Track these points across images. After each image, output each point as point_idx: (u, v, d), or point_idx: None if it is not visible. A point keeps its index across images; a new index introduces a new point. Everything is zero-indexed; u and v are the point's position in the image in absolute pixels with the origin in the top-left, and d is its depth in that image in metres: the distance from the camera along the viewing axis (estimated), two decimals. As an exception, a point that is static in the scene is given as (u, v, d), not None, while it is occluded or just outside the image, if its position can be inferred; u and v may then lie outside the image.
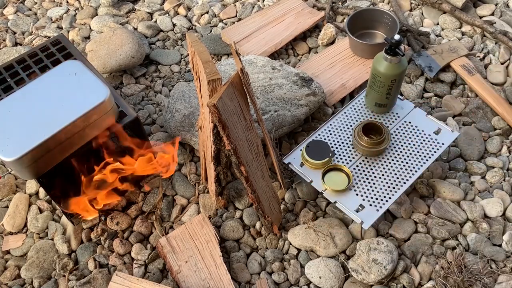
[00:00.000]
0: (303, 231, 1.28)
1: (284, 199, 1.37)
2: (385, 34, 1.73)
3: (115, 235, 1.32)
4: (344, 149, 1.33)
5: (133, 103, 1.64)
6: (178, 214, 1.36)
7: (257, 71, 1.51)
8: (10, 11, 2.00)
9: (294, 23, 1.81)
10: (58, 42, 1.38)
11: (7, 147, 1.02)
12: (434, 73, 1.61)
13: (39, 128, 1.04)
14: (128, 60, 1.66)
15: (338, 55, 1.71)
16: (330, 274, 1.21)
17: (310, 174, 1.29)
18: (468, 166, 1.41)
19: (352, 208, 1.22)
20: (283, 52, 1.78)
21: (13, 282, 1.26)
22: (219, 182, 1.27)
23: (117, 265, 1.27)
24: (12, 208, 1.37)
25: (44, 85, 1.13)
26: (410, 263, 1.23)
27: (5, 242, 1.33)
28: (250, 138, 1.13)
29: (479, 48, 1.72)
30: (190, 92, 1.48)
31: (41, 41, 1.86)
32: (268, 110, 1.41)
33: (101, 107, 1.08)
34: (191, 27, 1.91)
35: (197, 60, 1.03)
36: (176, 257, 1.24)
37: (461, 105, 1.55)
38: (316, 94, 1.48)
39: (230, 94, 1.00)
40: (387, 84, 1.29)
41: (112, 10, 1.97)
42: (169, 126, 1.46)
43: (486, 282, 1.17)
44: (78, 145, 1.12)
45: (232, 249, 1.29)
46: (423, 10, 1.87)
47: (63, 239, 1.31)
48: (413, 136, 1.34)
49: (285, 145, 1.47)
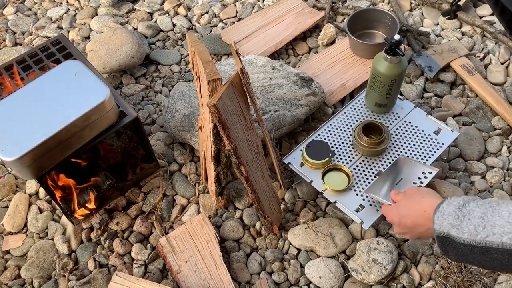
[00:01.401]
0: (303, 231, 1.28)
1: (284, 199, 1.37)
2: (385, 34, 1.73)
3: (115, 235, 1.32)
4: (344, 149, 1.33)
5: (133, 103, 1.64)
6: (178, 214, 1.36)
7: (257, 71, 1.51)
8: (10, 11, 2.00)
9: (294, 23, 1.81)
10: (58, 42, 1.38)
11: (7, 147, 1.02)
12: (434, 73, 1.61)
13: (39, 128, 1.04)
14: (128, 60, 1.66)
15: (338, 55, 1.71)
16: (330, 274, 1.21)
17: (310, 174, 1.29)
18: (468, 166, 1.41)
19: (352, 208, 1.22)
20: (283, 52, 1.78)
21: (13, 282, 1.26)
22: (219, 182, 1.27)
23: (117, 265, 1.27)
24: (12, 208, 1.37)
25: (44, 85, 1.12)
26: (410, 263, 1.23)
27: (5, 242, 1.33)
28: (250, 138, 1.13)
29: (479, 48, 1.72)
30: (190, 92, 1.48)
31: (41, 41, 1.86)
32: (268, 110, 1.41)
33: (101, 107, 1.08)
34: (191, 27, 1.91)
35: (197, 60, 1.03)
36: (176, 257, 1.24)
37: (461, 105, 1.55)
38: (316, 94, 1.48)
39: (230, 94, 1.00)
40: (387, 84, 1.29)
41: (112, 10, 1.97)
42: (169, 126, 1.46)
43: (486, 282, 1.17)
44: (78, 145, 1.12)
45: (232, 249, 1.29)
46: (423, 10, 1.87)
47: (63, 239, 1.31)
48: (413, 136, 1.34)
49: (285, 145, 1.47)
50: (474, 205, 0.74)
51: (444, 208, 0.77)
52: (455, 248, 0.74)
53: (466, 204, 0.74)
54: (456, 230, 0.73)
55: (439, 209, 0.77)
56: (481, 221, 0.71)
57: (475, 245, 0.70)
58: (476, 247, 0.70)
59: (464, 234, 0.72)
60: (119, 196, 1.38)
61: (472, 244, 0.71)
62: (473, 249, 0.71)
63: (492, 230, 0.69)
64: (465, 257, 0.74)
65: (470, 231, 0.71)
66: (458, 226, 0.73)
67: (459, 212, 0.74)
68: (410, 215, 0.89)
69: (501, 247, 0.67)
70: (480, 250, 0.70)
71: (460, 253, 0.74)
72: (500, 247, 0.67)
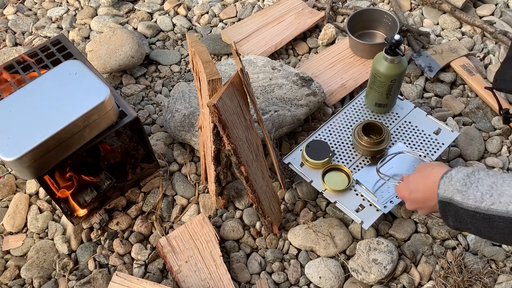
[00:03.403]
0: (303, 231, 1.28)
1: (284, 199, 1.37)
2: (385, 34, 1.73)
3: (115, 235, 1.32)
4: (344, 149, 1.33)
5: (133, 103, 1.64)
6: (178, 214, 1.36)
7: (257, 71, 1.51)
8: (10, 11, 2.00)
9: (294, 23, 1.81)
10: (58, 42, 1.38)
11: (7, 147, 1.02)
12: (434, 73, 1.61)
13: (39, 128, 1.04)
14: (128, 60, 1.66)
15: (338, 55, 1.71)
16: (330, 274, 1.21)
17: (310, 174, 1.29)
18: (468, 166, 1.41)
19: (352, 208, 1.22)
20: (283, 52, 1.78)
21: (13, 282, 1.26)
22: (219, 182, 1.27)
23: (117, 265, 1.27)
24: (12, 208, 1.37)
25: (44, 85, 1.12)
26: (410, 263, 1.23)
27: (5, 242, 1.33)
28: (250, 138, 1.13)
29: (479, 48, 1.72)
30: (190, 92, 1.48)
31: (41, 41, 1.86)
32: (268, 110, 1.41)
33: (101, 107, 1.08)
34: (191, 27, 1.91)
35: (197, 60, 1.03)
36: (176, 257, 1.24)
37: (461, 105, 1.55)
38: (316, 94, 1.48)
39: (230, 94, 1.00)
40: (387, 84, 1.29)
41: (112, 10, 1.97)
42: (169, 126, 1.46)
43: (486, 282, 1.17)
44: (78, 145, 1.12)
45: (232, 249, 1.29)
46: (423, 10, 1.87)
47: (63, 239, 1.31)
48: (413, 136, 1.34)
49: (285, 145, 1.47)
50: (484, 174, 0.75)
51: (452, 175, 0.77)
52: (455, 214, 0.75)
53: (476, 172, 0.75)
54: (461, 195, 0.74)
55: (447, 175, 0.78)
56: (489, 189, 0.72)
57: (478, 211, 0.72)
58: (479, 214, 0.72)
59: (469, 200, 0.73)
60: (119, 196, 1.38)
61: (475, 210, 0.72)
62: (475, 216, 0.72)
63: (499, 199, 0.70)
64: (464, 223, 0.75)
65: (476, 198, 0.72)
66: (464, 192, 0.74)
67: (467, 179, 0.75)
68: (420, 189, 0.88)
69: (505, 215, 0.69)
70: (482, 217, 0.71)
71: (459, 219, 0.75)
72: (505, 215, 0.69)
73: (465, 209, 0.73)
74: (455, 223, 0.77)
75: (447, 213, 0.77)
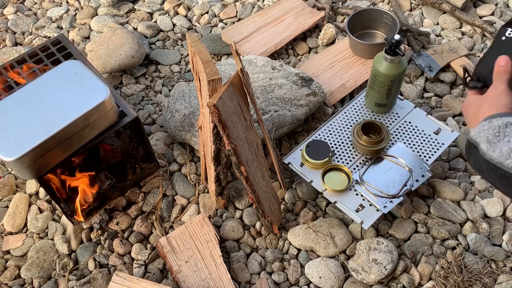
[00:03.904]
0: (303, 231, 1.28)
1: (284, 199, 1.37)
2: (385, 34, 1.73)
3: (115, 235, 1.32)
4: (344, 149, 1.33)
5: (133, 103, 1.64)
6: (178, 214, 1.36)
7: (257, 71, 1.51)
8: (10, 11, 2.00)
9: (294, 23, 1.81)
10: (58, 42, 1.38)
11: (7, 147, 1.02)
12: (434, 73, 1.61)
13: (39, 128, 1.04)
14: (128, 60, 1.66)
15: (338, 55, 1.71)
16: (330, 274, 1.21)
17: (310, 174, 1.29)
18: (468, 166, 1.41)
19: (352, 208, 1.22)
20: (283, 52, 1.78)
21: (13, 282, 1.26)
22: (219, 182, 1.27)
23: (117, 265, 1.27)
24: (12, 208, 1.37)
25: (44, 85, 1.12)
26: (410, 263, 1.23)
27: (5, 242, 1.33)
28: (250, 138, 1.13)
29: (479, 48, 1.72)
30: (190, 92, 1.48)
31: (41, 41, 1.86)
32: (268, 110, 1.41)
33: (101, 107, 1.08)
34: (191, 27, 1.91)
35: (197, 60, 1.03)
36: (176, 257, 1.24)
37: (461, 105, 1.55)
38: (316, 94, 1.48)
39: (230, 94, 1.00)
40: (387, 84, 1.29)
41: (112, 10, 1.97)
42: (169, 126, 1.46)
43: (486, 282, 1.17)
44: (78, 145, 1.12)
45: (232, 249, 1.29)
46: (423, 10, 1.87)
47: (63, 239, 1.31)
48: (413, 136, 1.34)
49: (285, 145, 1.47)
50: None
51: (493, 120, 0.71)
52: (477, 159, 0.72)
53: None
54: (488, 145, 0.69)
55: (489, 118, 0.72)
56: None
57: (500, 167, 0.67)
58: (500, 170, 0.67)
59: (495, 153, 0.68)
60: (119, 196, 1.38)
61: (497, 165, 0.68)
62: (495, 170, 0.68)
63: None
64: (481, 172, 0.72)
65: (502, 152, 0.67)
66: (492, 143, 0.69)
67: (503, 129, 0.69)
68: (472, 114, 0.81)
69: None
70: (503, 174, 0.67)
71: (479, 166, 0.72)
72: None
73: (487, 161, 0.69)
74: (475, 167, 0.74)
75: (471, 155, 0.73)
